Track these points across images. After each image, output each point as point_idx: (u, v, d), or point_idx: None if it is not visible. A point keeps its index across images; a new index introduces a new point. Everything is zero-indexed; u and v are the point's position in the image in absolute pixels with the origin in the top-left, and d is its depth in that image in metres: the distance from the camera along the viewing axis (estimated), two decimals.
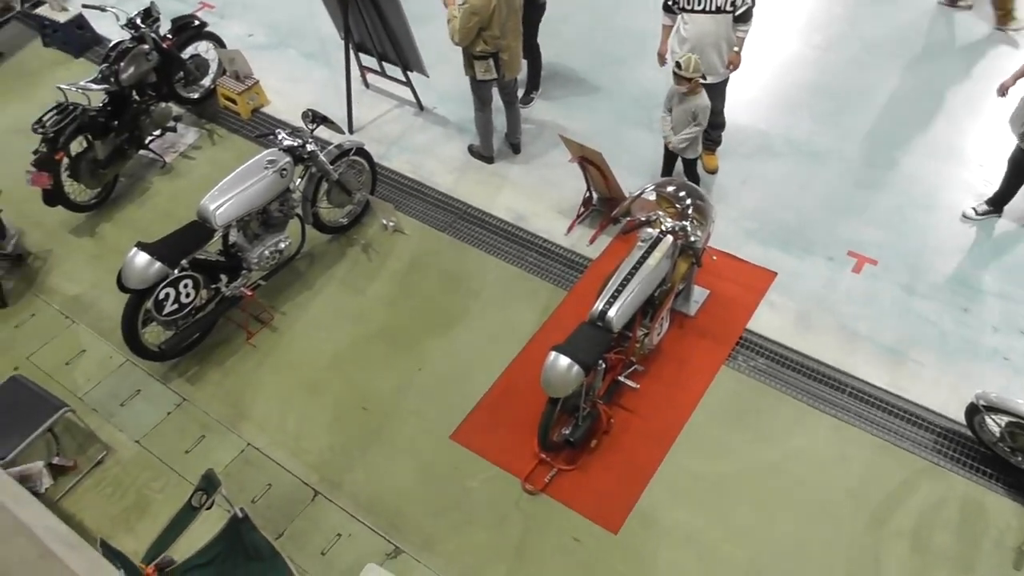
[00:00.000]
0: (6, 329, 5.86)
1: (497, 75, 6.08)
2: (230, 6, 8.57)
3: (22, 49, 8.39)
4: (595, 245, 6.03)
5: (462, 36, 5.80)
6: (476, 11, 5.66)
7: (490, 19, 5.72)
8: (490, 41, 5.86)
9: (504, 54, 5.98)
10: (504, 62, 6.02)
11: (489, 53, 5.94)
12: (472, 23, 5.70)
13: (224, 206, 5.34)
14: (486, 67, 6.03)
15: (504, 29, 5.84)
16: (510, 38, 5.94)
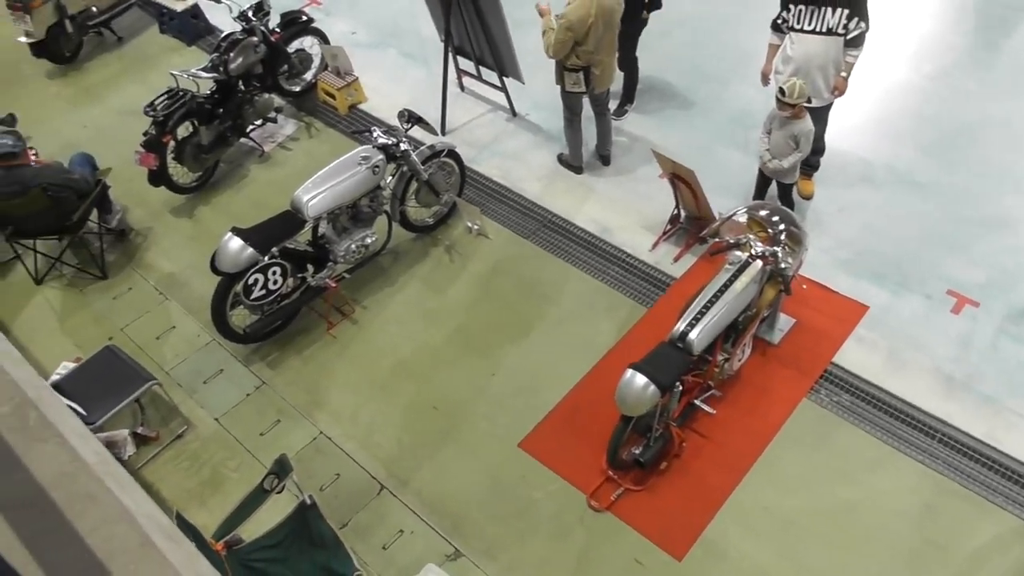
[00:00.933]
0: (105, 300, 6.13)
1: (586, 88, 6.05)
2: (336, 4, 8.78)
3: (140, 35, 8.79)
4: (679, 264, 5.92)
5: (556, 50, 5.80)
6: (572, 27, 5.65)
7: (585, 35, 5.70)
8: (583, 56, 5.84)
9: (596, 68, 5.95)
10: (595, 76, 5.99)
11: (580, 67, 5.91)
12: (567, 37, 5.69)
13: (317, 198, 5.46)
14: (575, 79, 6.01)
15: (599, 45, 5.81)
16: (603, 53, 5.90)
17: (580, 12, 5.65)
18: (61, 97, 8.07)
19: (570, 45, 5.77)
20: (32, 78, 8.28)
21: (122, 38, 8.72)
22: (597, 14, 5.65)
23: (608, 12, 5.71)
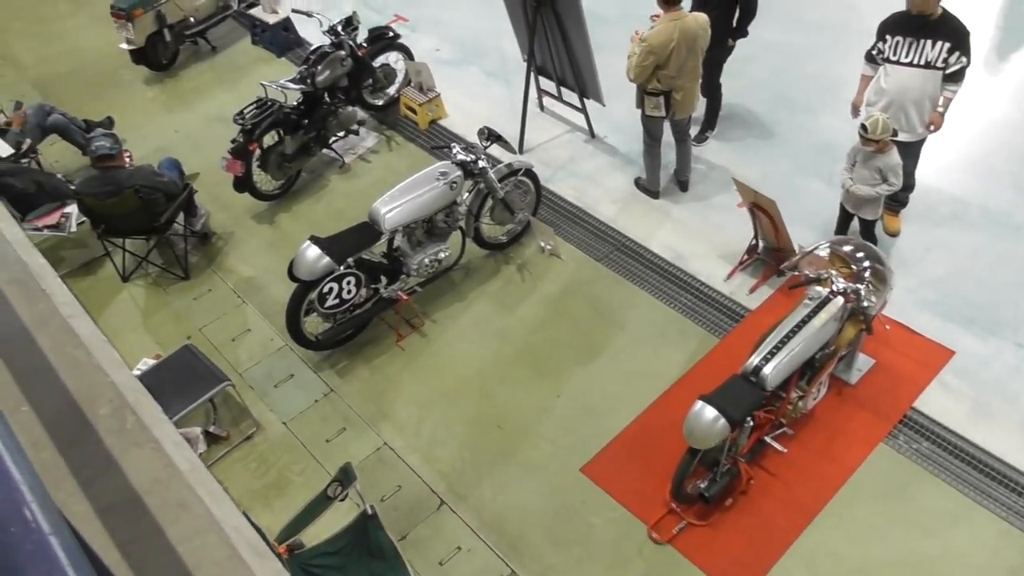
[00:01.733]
0: (185, 300, 6.32)
1: (666, 113, 6.00)
2: (422, 21, 8.93)
3: (233, 45, 9.11)
4: (755, 295, 5.79)
5: (637, 74, 5.76)
6: (653, 50, 5.61)
7: (667, 59, 5.65)
8: (664, 80, 5.79)
9: (677, 93, 5.89)
10: (676, 101, 5.93)
11: (661, 91, 5.87)
12: (648, 61, 5.65)
13: (394, 211, 5.53)
14: (655, 104, 5.97)
15: (681, 70, 5.75)
16: (685, 79, 5.84)
17: (662, 36, 5.61)
18: (156, 102, 8.40)
19: (651, 69, 5.73)
20: (130, 84, 8.65)
21: (216, 48, 9.05)
22: (680, 39, 5.60)
23: (691, 37, 5.65)
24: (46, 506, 0.70)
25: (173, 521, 0.91)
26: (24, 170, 6.61)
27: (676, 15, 5.62)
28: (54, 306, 1.19)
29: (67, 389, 1.06)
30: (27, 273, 1.23)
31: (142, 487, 0.94)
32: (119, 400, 1.02)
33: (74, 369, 1.09)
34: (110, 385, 1.05)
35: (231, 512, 0.98)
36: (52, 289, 1.23)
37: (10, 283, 1.20)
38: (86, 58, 9.05)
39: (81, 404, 1.04)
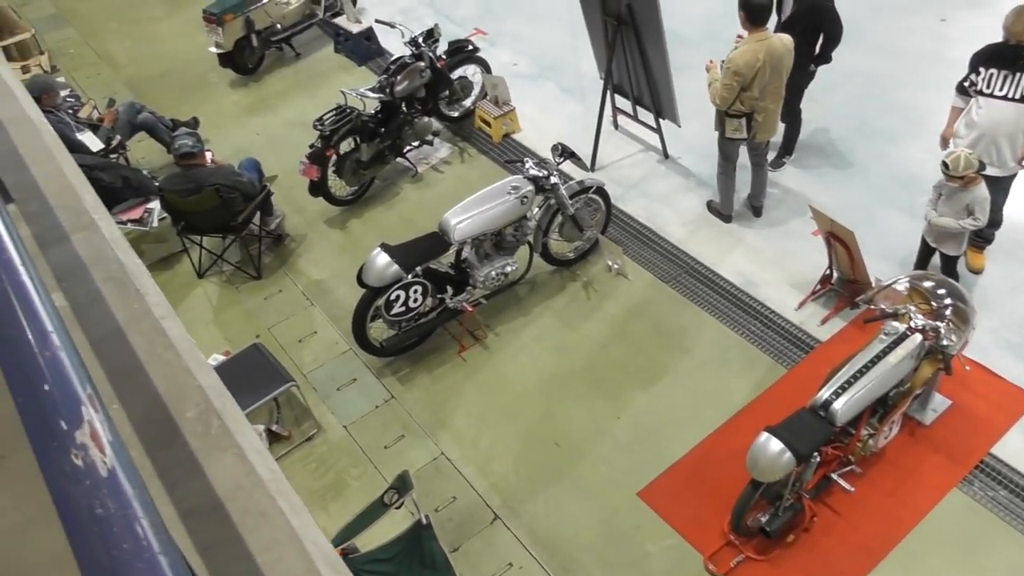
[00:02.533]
0: (256, 299, 6.47)
1: (747, 135, 5.90)
2: (501, 35, 9.00)
3: (316, 52, 9.33)
4: (826, 327, 5.63)
5: (723, 98, 5.69)
6: (739, 71, 5.53)
7: (752, 80, 5.56)
8: (747, 101, 5.70)
9: (759, 115, 5.79)
10: (757, 123, 5.83)
11: (743, 112, 5.77)
12: (734, 83, 5.57)
13: (464, 223, 5.57)
14: (737, 126, 5.87)
15: (764, 91, 5.65)
16: (769, 100, 5.74)
17: (747, 56, 5.52)
18: (239, 105, 8.65)
19: (737, 91, 5.64)
20: (216, 86, 8.93)
21: (300, 54, 9.28)
22: (765, 59, 5.51)
23: (777, 58, 5.55)
24: (156, 523, 0.71)
25: (253, 530, 0.92)
26: (112, 165, 6.88)
27: (762, 35, 5.54)
28: (147, 306, 1.22)
29: (156, 390, 1.09)
30: (123, 272, 1.27)
31: (224, 493, 0.95)
32: (205, 404, 1.04)
33: (164, 370, 1.12)
34: (197, 388, 1.07)
35: (310, 526, 0.99)
36: (146, 289, 1.26)
37: (106, 281, 1.24)
38: (176, 60, 9.38)
39: (169, 405, 1.07)
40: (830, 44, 6.13)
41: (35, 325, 0.81)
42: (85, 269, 1.29)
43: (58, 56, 9.55)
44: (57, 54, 9.58)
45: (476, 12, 9.50)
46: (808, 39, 6.07)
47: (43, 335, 0.80)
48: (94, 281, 1.25)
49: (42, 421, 0.77)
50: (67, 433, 0.74)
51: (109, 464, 0.74)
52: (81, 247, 1.32)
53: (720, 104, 5.78)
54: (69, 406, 0.76)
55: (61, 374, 0.78)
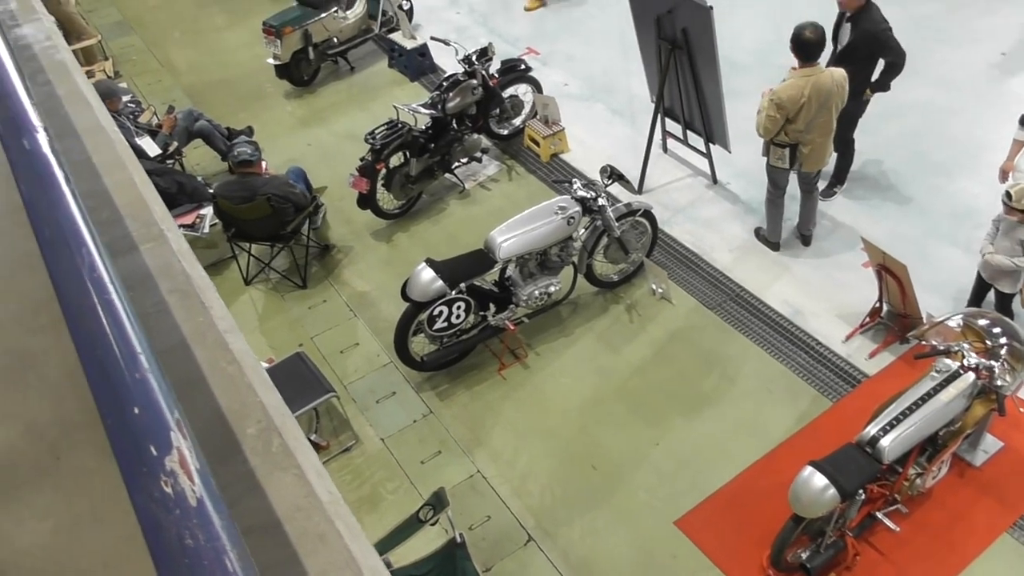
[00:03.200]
0: (301, 308, 6.55)
1: (790, 166, 5.84)
2: (553, 55, 9.05)
3: (370, 67, 9.46)
4: (874, 360, 5.52)
5: (766, 129, 5.65)
6: (783, 104, 5.48)
7: (797, 113, 5.50)
8: (791, 133, 5.65)
9: (804, 147, 5.72)
10: (802, 154, 5.77)
11: (787, 143, 5.72)
12: (777, 115, 5.52)
13: (510, 241, 5.58)
14: (780, 155, 5.82)
15: (811, 125, 5.58)
16: (816, 133, 5.66)
17: (792, 91, 5.47)
18: (294, 116, 8.81)
19: (780, 123, 5.59)
20: (272, 96, 9.11)
21: (354, 68, 9.42)
22: (811, 94, 5.45)
23: (824, 93, 5.48)
24: (244, 557, 0.72)
25: (311, 552, 0.92)
26: (168, 170, 7.03)
27: (810, 71, 5.48)
28: (212, 320, 1.24)
29: (219, 405, 1.11)
30: (189, 284, 1.29)
31: (283, 513, 0.96)
32: (267, 421, 1.05)
33: (227, 385, 1.14)
34: (259, 405, 1.08)
35: (368, 551, 0.99)
36: (211, 303, 1.28)
37: (172, 292, 1.27)
38: (235, 70, 9.59)
39: (231, 421, 1.08)
40: (891, 72, 6.02)
41: (124, 345, 0.82)
42: (152, 280, 1.31)
43: (121, 62, 9.83)
44: (120, 60, 9.86)
45: (530, 32, 9.56)
46: (865, 67, 5.99)
47: (132, 356, 0.82)
48: (161, 292, 1.28)
49: (132, 445, 0.78)
50: (156, 459, 0.75)
51: (198, 493, 0.74)
52: (149, 258, 1.35)
53: (764, 135, 5.74)
54: (158, 431, 0.77)
55: (150, 397, 0.79)
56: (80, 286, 0.95)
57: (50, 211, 1.07)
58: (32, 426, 1.70)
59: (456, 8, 10.24)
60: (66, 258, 0.99)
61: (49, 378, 1.76)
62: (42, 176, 1.08)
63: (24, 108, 1.16)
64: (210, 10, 10.99)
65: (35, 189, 1.12)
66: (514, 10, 10.08)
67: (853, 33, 5.95)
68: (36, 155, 1.09)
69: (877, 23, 5.86)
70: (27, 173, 1.12)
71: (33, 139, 1.11)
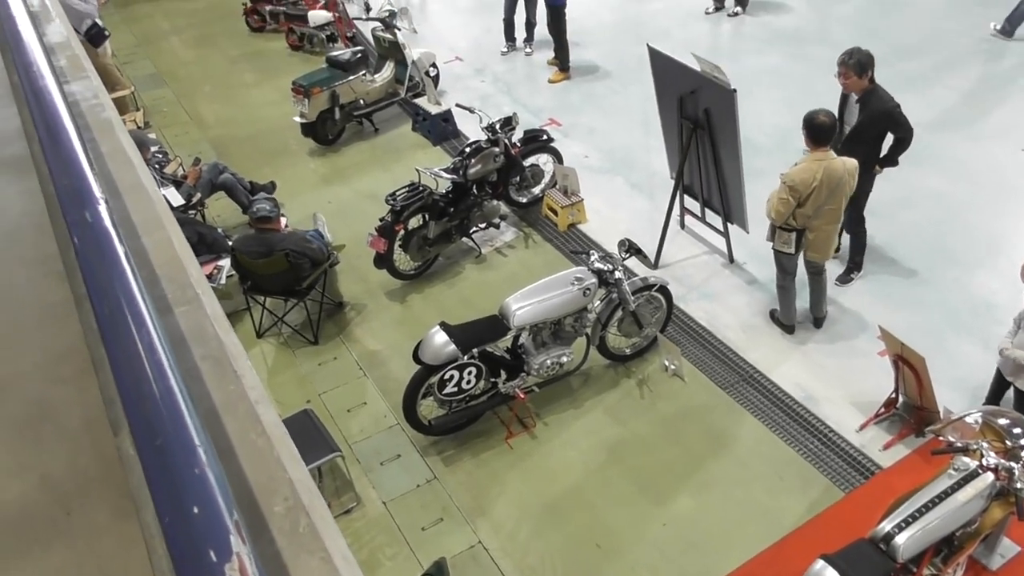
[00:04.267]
0: (311, 364, 6.53)
1: (795, 251, 5.85)
2: (575, 127, 9.20)
3: (394, 129, 9.63)
4: (889, 452, 5.42)
5: (777, 212, 5.69)
6: (795, 187, 5.53)
7: (807, 197, 5.55)
8: (799, 218, 5.69)
9: (810, 233, 5.75)
10: (808, 240, 5.79)
11: (794, 228, 5.75)
12: (788, 198, 5.57)
13: (525, 309, 5.58)
14: (786, 239, 5.85)
15: (819, 211, 5.62)
16: (823, 220, 5.69)
17: (804, 174, 5.53)
18: (316, 173, 8.94)
19: (792, 207, 5.63)
20: (296, 153, 9.26)
21: (378, 129, 9.59)
22: (823, 179, 5.50)
23: (835, 181, 5.53)
24: None
25: None
26: (190, 221, 7.11)
27: (822, 155, 5.55)
28: (243, 389, 1.23)
29: (247, 478, 1.08)
30: (222, 351, 1.28)
31: None
32: (294, 499, 1.02)
33: (255, 458, 1.11)
34: (287, 481, 1.06)
35: None
36: (243, 371, 1.27)
37: (205, 359, 1.26)
38: (262, 125, 9.78)
39: (258, 496, 1.06)
40: (901, 147, 6.12)
41: (182, 438, 0.81)
42: (186, 344, 1.31)
43: (152, 113, 10.05)
44: (152, 111, 10.09)
45: (553, 103, 9.75)
46: (875, 146, 6.11)
47: (191, 450, 0.80)
48: (193, 358, 1.27)
49: (190, 548, 0.75)
50: (216, 566, 0.72)
51: None
52: (183, 320, 1.35)
53: (775, 218, 5.77)
54: (218, 534, 0.74)
55: (209, 496, 0.77)
56: (141, 375, 0.93)
57: (110, 289, 1.05)
58: (46, 479, 1.68)
59: (481, 77, 10.47)
60: (127, 348, 0.98)
61: (67, 430, 1.74)
62: (103, 252, 1.08)
63: (86, 178, 1.17)
64: (241, 67, 11.28)
65: (96, 264, 1.11)
66: (538, 81, 10.30)
67: (863, 113, 6.05)
68: (98, 229, 1.10)
69: (886, 102, 5.99)
70: (88, 247, 1.12)
71: (95, 211, 1.11)
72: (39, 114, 1.49)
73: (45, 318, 1.97)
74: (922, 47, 10.34)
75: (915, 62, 9.78)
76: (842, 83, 6.06)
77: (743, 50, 10.62)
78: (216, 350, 1.31)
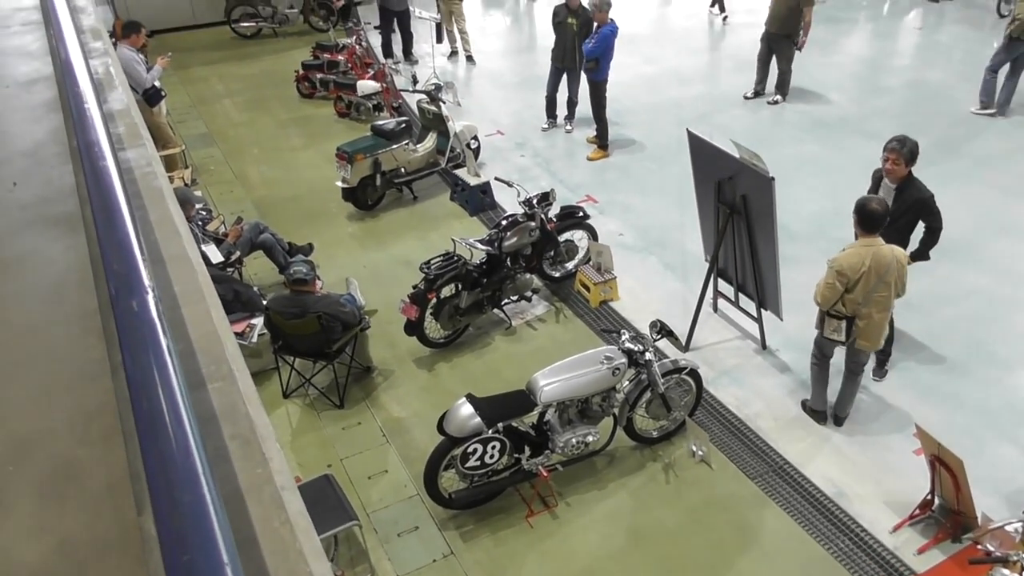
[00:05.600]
0: (335, 428, 6.50)
1: (845, 340, 5.76)
2: (611, 205, 9.28)
3: (432, 198, 9.79)
4: (924, 557, 5.21)
5: (824, 297, 5.63)
6: (843, 272, 5.48)
7: (856, 283, 5.49)
8: (849, 304, 5.61)
9: (860, 321, 5.67)
10: (858, 328, 5.70)
11: (844, 315, 5.67)
12: (836, 283, 5.52)
13: (552, 386, 5.53)
14: (836, 327, 5.75)
15: (868, 298, 5.56)
16: (872, 308, 5.62)
17: (852, 260, 5.49)
18: (354, 237, 9.07)
19: (839, 292, 5.58)
20: (335, 216, 9.43)
21: (417, 197, 9.75)
22: (872, 265, 5.45)
23: (884, 266, 5.48)
24: None
25: None
26: (227, 278, 7.22)
27: (871, 241, 5.52)
28: (270, 473, 1.22)
29: (266, 567, 1.06)
30: (252, 431, 1.28)
31: None
32: None
33: (277, 548, 1.10)
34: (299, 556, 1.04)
35: None
36: (271, 455, 1.26)
37: (234, 438, 1.25)
38: (304, 188, 10.01)
39: None
40: (933, 239, 6.11)
41: (211, 558, 0.80)
42: (216, 422, 1.30)
43: (200, 171, 10.34)
44: (199, 169, 10.38)
45: (590, 180, 9.87)
46: (905, 235, 6.10)
47: (218, 567, 0.79)
48: (223, 436, 1.26)
49: None
50: None
51: None
52: (216, 397, 1.35)
53: (822, 303, 5.71)
54: None
55: None
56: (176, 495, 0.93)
57: (151, 387, 1.06)
58: (65, 543, 1.66)
59: (521, 151, 10.66)
60: (164, 453, 0.98)
61: (90, 492, 1.74)
62: (145, 343, 1.09)
63: (138, 267, 1.20)
64: (289, 131, 11.61)
65: (138, 357, 1.12)
66: (577, 157, 10.45)
67: (900, 201, 6.05)
68: (143, 319, 1.11)
69: (923, 191, 6.01)
70: (131, 337, 1.13)
71: (143, 301, 1.13)
72: (95, 188, 1.53)
73: (79, 375, 1.99)
74: (960, 143, 10.36)
75: (953, 157, 9.78)
76: (888, 168, 6.05)
77: (782, 138, 10.72)
78: (246, 430, 1.30)
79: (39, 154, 2.92)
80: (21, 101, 3.35)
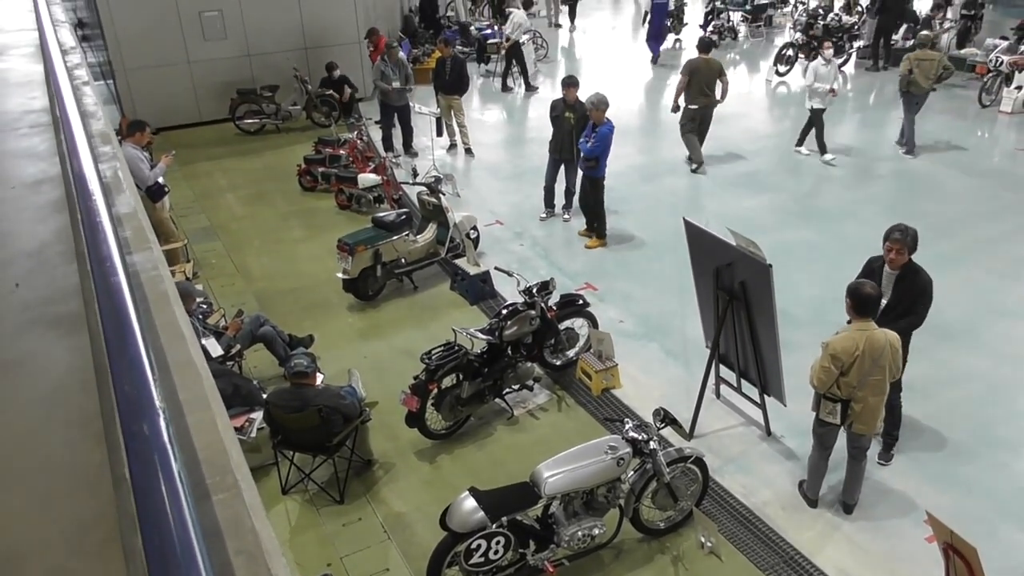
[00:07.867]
0: (335, 524, 6.35)
1: (840, 422, 5.72)
2: (611, 293, 9.33)
3: (432, 288, 9.85)
4: None
5: (819, 380, 5.62)
6: (837, 355, 5.49)
7: (850, 367, 5.49)
8: (844, 388, 5.59)
9: (856, 404, 5.64)
10: (853, 411, 5.66)
11: (839, 398, 5.64)
12: (830, 367, 5.51)
13: (556, 477, 5.44)
14: (831, 410, 5.73)
15: (863, 381, 5.54)
16: (868, 391, 5.60)
17: (846, 343, 5.50)
18: (354, 328, 9.08)
19: (834, 376, 5.57)
20: (336, 307, 9.46)
21: (417, 287, 9.81)
22: (866, 349, 5.46)
23: (878, 351, 5.48)
24: None
25: None
26: (227, 372, 7.19)
27: (865, 325, 5.54)
28: None
29: None
30: (258, 547, 1.25)
31: None
32: None
33: None
34: None
35: None
36: (277, 571, 1.24)
37: (239, 554, 1.23)
38: (305, 279, 10.07)
39: None
40: (917, 324, 6.13)
41: None
42: (221, 537, 1.28)
43: (201, 265, 10.43)
44: (201, 263, 10.47)
45: (589, 268, 9.95)
46: (898, 320, 6.09)
47: None
48: (227, 552, 1.24)
49: None
50: None
51: None
52: (220, 509, 1.33)
53: (818, 386, 5.70)
54: None
55: None
56: None
57: (161, 516, 1.04)
58: None
59: (520, 240, 10.79)
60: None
61: None
62: (155, 464, 1.09)
63: (148, 385, 1.21)
64: (290, 223, 11.77)
65: (146, 475, 1.11)
66: (575, 246, 10.58)
67: (901, 288, 6.11)
68: (155, 441, 1.11)
69: (924, 279, 6.07)
70: (141, 459, 1.13)
71: (154, 424, 1.14)
72: (105, 301, 1.55)
73: (77, 482, 1.96)
74: (953, 228, 10.52)
75: (947, 242, 9.91)
76: (891, 258, 6.11)
77: (777, 224, 10.87)
78: (251, 544, 1.27)
79: (43, 254, 2.95)
80: (27, 202, 3.41)
